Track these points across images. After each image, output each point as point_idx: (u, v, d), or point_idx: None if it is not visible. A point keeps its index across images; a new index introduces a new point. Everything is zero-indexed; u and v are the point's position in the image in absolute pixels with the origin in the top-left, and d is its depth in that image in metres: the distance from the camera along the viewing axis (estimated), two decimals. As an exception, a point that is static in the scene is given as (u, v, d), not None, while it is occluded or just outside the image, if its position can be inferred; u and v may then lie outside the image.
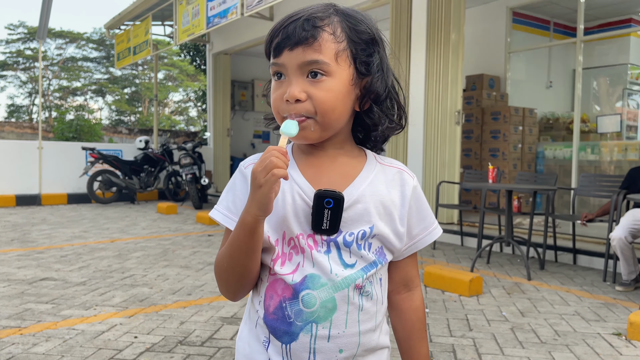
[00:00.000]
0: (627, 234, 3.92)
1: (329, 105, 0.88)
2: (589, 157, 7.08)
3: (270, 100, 0.94)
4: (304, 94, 0.87)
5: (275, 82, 0.92)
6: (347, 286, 0.90)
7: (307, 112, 0.88)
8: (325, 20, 0.89)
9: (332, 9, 0.91)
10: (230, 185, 0.98)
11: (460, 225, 5.93)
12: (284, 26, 0.89)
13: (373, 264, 0.93)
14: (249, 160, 0.98)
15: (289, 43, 0.87)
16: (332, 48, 0.88)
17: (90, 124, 13.52)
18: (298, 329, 0.89)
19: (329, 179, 0.93)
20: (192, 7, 8.39)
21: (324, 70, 0.88)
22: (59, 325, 2.99)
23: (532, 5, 7.78)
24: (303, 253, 0.90)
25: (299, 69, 0.88)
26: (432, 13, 6.46)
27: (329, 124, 0.90)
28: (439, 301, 3.64)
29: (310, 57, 0.87)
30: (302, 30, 0.87)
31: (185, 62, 22.77)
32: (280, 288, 0.90)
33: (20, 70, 29.06)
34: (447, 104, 6.31)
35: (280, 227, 0.91)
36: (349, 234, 0.91)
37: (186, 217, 8.03)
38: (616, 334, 3.03)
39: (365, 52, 0.92)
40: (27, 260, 4.69)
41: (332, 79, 0.88)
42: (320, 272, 0.89)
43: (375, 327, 0.94)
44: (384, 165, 0.99)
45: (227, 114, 11.54)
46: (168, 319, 3.13)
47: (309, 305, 0.89)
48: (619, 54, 8.42)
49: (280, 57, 0.89)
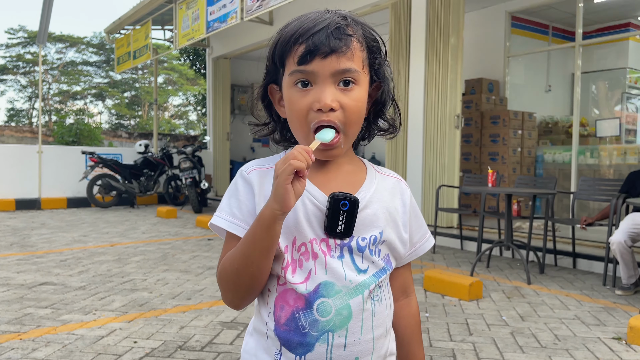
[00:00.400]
0: (626, 237, 3.92)
1: (357, 115, 0.90)
2: (588, 161, 7.09)
3: (291, 109, 0.91)
4: (337, 103, 0.87)
5: (300, 91, 0.89)
6: (362, 292, 0.90)
7: (339, 122, 0.88)
8: (352, 28, 0.90)
9: (348, 18, 0.92)
10: (232, 191, 0.95)
11: (460, 229, 5.94)
12: (311, 34, 0.87)
13: (383, 270, 0.94)
14: (251, 166, 0.97)
15: (322, 51, 0.86)
16: (360, 56, 0.90)
17: (90, 128, 13.54)
18: (314, 339, 0.88)
19: (337, 185, 0.93)
20: (192, 12, 8.41)
21: (355, 78, 0.89)
22: (59, 330, 2.99)
23: (531, 10, 7.80)
24: (315, 259, 0.89)
25: (331, 77, 0.87)
26: (431, 17, 6.48)
27: (353, 134, 0.93)
28: (439, 305, 3.64)
29: (344, 66, 0.87)
30: (335, 39, 0.87)
31: (185, 66, 22.80)
32: (292, 298, 0.89)
33: (20, 74, 29.11)
34: (446, 108, 6.32)
35: (290, 232, 0.90)
36: (362, 238, 0.91)
37: (186, 221, 8.03)
38: (616, 338, 3.03)
39: (377, 60, 0.94)
40: (26, 265, 4.69)
41: (360, 87, 0.90)
42: (334, 278, 0.89)
43: (386, 332, 0.95)
44: (382, 175, 1.01)
45: (227, 118, 11.55)
46: (168, 324, 3.13)
47: (325, 314, 0.88)
48: (618, 58, 8.44)
49: (310, 65, 0.87)
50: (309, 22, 0.89)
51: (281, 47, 0.91)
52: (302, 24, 0.89)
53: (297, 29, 0.89)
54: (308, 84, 0.89)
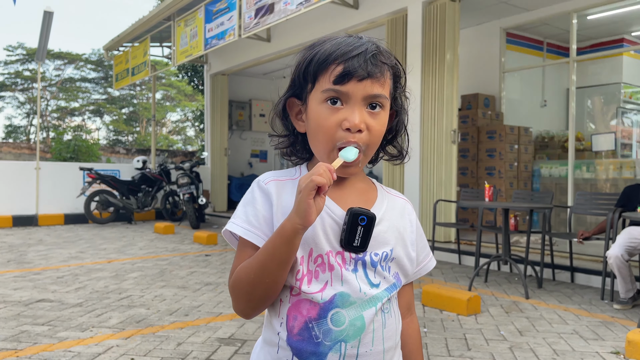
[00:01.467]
0: (623, 252, 3.93)
1: (379, 138, 0.96)
2: (585, 175, 7.12)
3: (318, 124, 0.93)
4: (364, 125, 0.91)
5: (330, 108, 0.92)
6: (375, 305, 0.93)
7: (363, 143, 0.92)
8: (385, 57, 0.95)
9: (381, 47, 0.96)
10: (249, 199, 0.97)
11: (458, 244, 5.94)
12: (350, 57, 0.91)
13: (394, 286, 0.98)
14: (268, 177, 0.99)
15: (359, 74, 0.90)
16: (389, 84, 0.96)
17: (88, 144, 13.55)
18: (327, 349, 0.89)
19: (352, 201, 0.96)
20: (190, 29, 8.49)
21: (383, 103, 0.94)
22: (55, 347, 2.97)
23: (525, 26, 7.90)
24: (331, 271, 0.91)
25: (362, 99, 0.91)
26: (427, 34, 6.56)
27: (371, 155, 0.97)
28: (437, 320, 3.63)
29: (376, 91, 0.92)
30: (372, 65, 0.91)
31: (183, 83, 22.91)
32: (306, 308, 0.91)
33: (19, 91, 29.19)
34: (443, 123, 6.37)
35: (307, 244, 0.92)
36: (374, 254, 0.95)
37: (183, 237, 8.02)
38: (614, 353, 3.02)
39: (397, 89, 1.00)
40: (23, 282, 4.67)
41: (385, 112, 0.95)
42: (350, 290, 0.91)
43: (395, 344, 0.98)
44: (391, 195, 1.06)
45: (225, 134, 11.60)
46: (165, 340, 3.12)
47: (338, 324, 0.90)
48: (612, 73, 8.53)
49: (346, 86, 0.91)
50: (346, 45, 0.93)
51: (317, 64, 0.94)
52: (340, 46, 0.93)
53: (336, 50, 0.93)
54: (337, 102, 0.92)
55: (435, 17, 6.45)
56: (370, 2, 7.34)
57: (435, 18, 6.45)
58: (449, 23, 6.34)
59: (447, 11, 6.32)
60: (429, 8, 6.56)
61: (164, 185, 9.98)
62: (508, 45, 8.07)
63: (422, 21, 6.60)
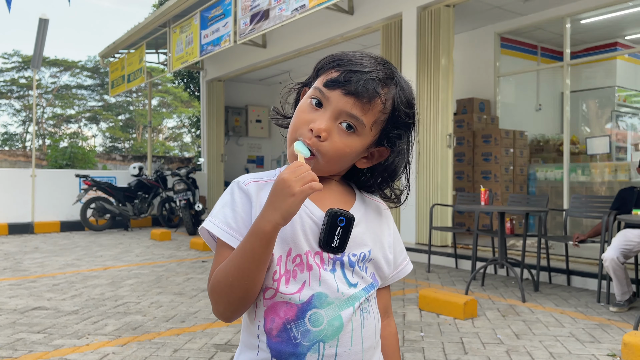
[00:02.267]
0: (618, 254, 3.94)
1: (339, 156, 0.93)
2: (580, 178, 7.15)
3: (295, 115, 0.96)
4: (326, 134, 0.91)
5: (311, 106, 0.93)
6: (352, 304, 0.93)
7: (317, 149, 0.91)
8: (385, 89, 0.92)
9: (395, 77, 0.94)
10: (228, 201, 0.95)
11: (455, 248, 5.95)
12: (349, 69, 0.91)
13: (371, 285, 0.98)
14: (248, 178, 0.98)
15: (347, 88, 0.90)
16: (375, 116, 0.92)
17: (84, 151, 13.51)
18: (305, 350, 0.89)
19: (331, 203, 0.96)
20: (185, 35, 8.51)
21: (357, 128, 0.92)
22: (51, 355, 2.96)
23: (520, 31, 7.95)
24: (310, 271, 0.91)
25: (338, 112, 0.91)
26: (421, 39, 6.59)
27: (327, 171, 0.96)
28: (434, 324, 3.63)
29: (355, 112, 0.91)
30: (363, 87, 0.90)
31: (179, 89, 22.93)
32: (283, 310, 0.90)
33: (15, 98, 29.13)
34: (438, 127, 6.39)
35: (286, 243, 0.91)
36: (352, 254, 0.95)
37: (180, 243, 8.00)
38: (611, 355, 3.03)
39: (398, 132, 0.96)
40: (19, 290, 4.65)
41: (358, 138, 0.93)
42: (327, 290, 0.91)
43: (375, 344, 0.98)
44: (369, 199, 1.05)
45: (221, 140, 11.60)
46: (161, 347, 3.11)
47: (317, 324, 0.90)
48: (606, 77, 8.58)
49: (331, 92, 0.91)
50: (359, 59, 0.93)
51: (325, 62, 0.96)
52: (353, 57, 0.93)
53: (345, 58, 0.93)
54: (320, 104, 0.93)
55: (430, 22, 6.48)
56: (365, 7, 7.38)
57: (430, 23, 6.48)
58: (443, 28, 6.37)
59: (442, 16, 6.36)
60: (423, 13, 6.59)
61: (161, 192, 9.97)
62: (502, 50, 8.11)
63: (417, 26, 6.63)
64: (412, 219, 6.65)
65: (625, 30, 8.13)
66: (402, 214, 6.79)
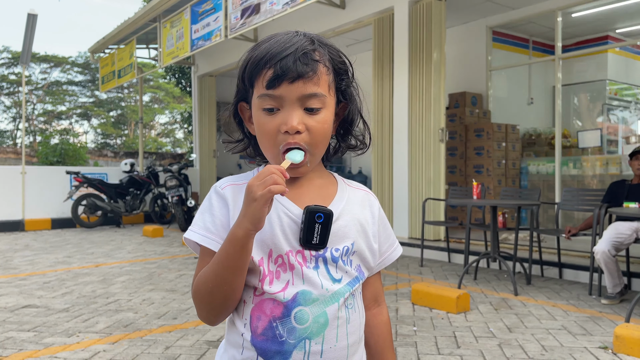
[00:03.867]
0: (610, 247, 3.96)
1: (322, 137, 0.94)
2: (572, 172, 7.17)
3: (260, 130, 0.94)
4: (302, 126, 0.90)
5: (267, 114, 0.92)
6: (337, 300, 0.92)
7: (305, 143, 0.91)
8: (318, 54, 0.93)
9: (316, 41, 0.94)
10: (206, 206, 0.97)
11: (447, 242, 5.95)
12: (279, 59, 0.89)
13: (356, 279, 0.97)
14: (225, 182, 0.99)
15: (290, 76, 0.89)
16: (326, 80, 0.93)
17: (75, 147, 13.41)
18: (291, 347, 0.89)
19: (310, 199, 0.96)
20: (176, 30, 8.44)
21: (321, 101, 0.92)
22: (41, 353, 2.93)
23: (511, 25, 7.95)
24: (292, 270, 0.91)
25: (297, 101, 0.90)
26: (413, 33, 6.57)
27: (320, 154, 0.96)
28: (427, 319, 3.63)
29: (310, 90, 0.90)
30: (302, 65, 0.89)
31: (171, 85, 22.79)
32: (269, 308, 0.90)
33: (4, 95, 28.86)
34: (430, 121, 6.38)
35: (266, 245, 0.91)
36: (335, 249, 0.94)
37: (172, 239, 7.96)
38: (603, 348, 3.04)
39: (344, 82, 0.98)
40: (9, 288, 4.60)
41: (326, 110, 0.93)
42: (311, 287, 0.91)
43: (359, 339, 0.98)
44: (352, 188, 1.05)
45: (213, 135, 11.54)
46: (153, 344, 3.09)
47: (302, 321, 0.90)
48: (597, 70, 8.61)
49: (278, 89, 0.90)
50: (278, 45, 0.91)
51: (250, 69, 0.93)
52: (271, 48, 0.91)
53: (266, 53, 0.91)
54: (274, 110, 0.92)
55: (422, 16, 6.46)
56: (356, 2, 7.35)
57: (422, 17, 6.46)
58: (435, 22, 6.35)
59: (434, 10, 6.34)
60: (415, 7, 6.57)
61: (152, 188, 9.92)
62: (494, 44, 8.11)
63: (409, 20, 6.61)
64: (404, 213, 6.65)
65: (616, 24, 8.16)
66: (394, 208, 6.80)
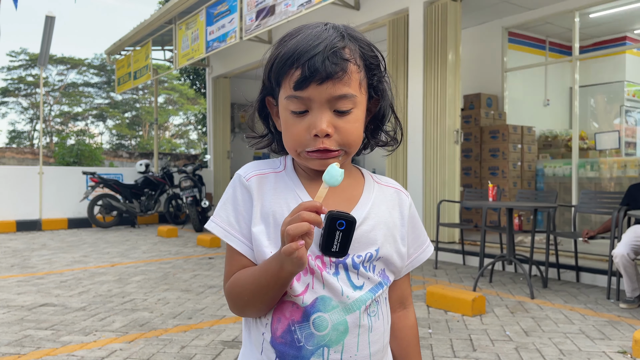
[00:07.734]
0: (629, 250, 3.90)
1: (355, 136, 0.90)
2: (589, 174, 7.08)
3: (287, 133, 0.91)
4: (332, 128, 0.86)
5: (295, 116, 0.88)
6: (359, 308, 0.89)
7: (335, 146, 0.88)
8: (348, 50, 0.88)
9: (346, 36, 0.89)
10: (230, 197, 0.94)
11: (462, 244, 5.91)
12: (307, 58, 0.85)
13: (379, 285, 0.93)
14: (250, 170, 0.95)
15: (318, 77, 0.84)
16: (357, 78, 0.88)
17: (91, 148, 13.57)
18: (309, 354, 0.87)
19: (334, 201, 0.92)
20: (191, 32, 8.50)
21: (352, 102, 0.87)
22: (58, 351, 2.96)
23: (527, 25, 7.88)
24: (312, 274, 0.88)
25: (327, 102, 0.86)
26: (428, 34, 6.54)
27: (351, 153, 0.92)
28: (442, 321, 3.61)
29: (340, 92, 0.86)
30: (331, 64, 0.84)
31: (185, 86, 22.96)
32: (289, 311, 0.88)
33: (22, 96, 29.30)
34: (445, 123, 6.34)
35: None
36: (357, 256, 0.90)
37: (187, 240, 8.01)
38: (621, 352, 2.99)
39: (375, 77, 0.93)
40: (26, 286, 4.66)
41: (357, 109, 0.89)
42: (331, 294, 0.88)
43: (383, 347, 0.94)
44: (381, 185, 1.01)
45: (227, 137, 11.59)
46: (169, 344, 3.10)
47: (321, 328, 0.87)
48: (615, 71, 8.49)
49: (307, 91, 0.85)
50: (306, 42, 0.86)
51: (277, 68, 0.89)
52: (299, 45, 0.87)
53: (294, 52, 0.86)
54: (303, 112, 0.88)
55: (437, 17, 6.43)
56: (371, 2, 7.34)
57: (437, 18, 6.43)
58: (450, 23, 6.32)
59: (449, 11, 6.31)
60: (430, 8, 6.54)
61: (167, 189, 9.99)
62: (510, 45, 8.04)
63: (424, 21, 6.58)
64: (419, 215, 6.60)
65: (635, 25, 8.05)
66: (409, 210, 6.76)
